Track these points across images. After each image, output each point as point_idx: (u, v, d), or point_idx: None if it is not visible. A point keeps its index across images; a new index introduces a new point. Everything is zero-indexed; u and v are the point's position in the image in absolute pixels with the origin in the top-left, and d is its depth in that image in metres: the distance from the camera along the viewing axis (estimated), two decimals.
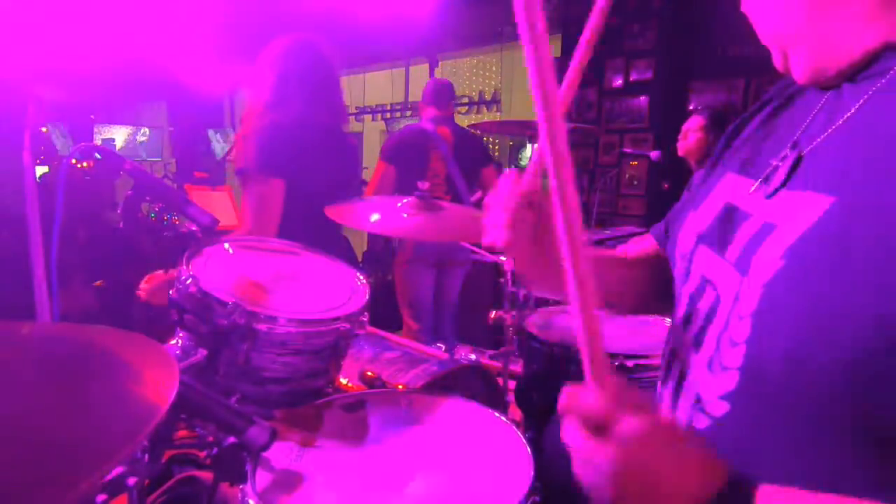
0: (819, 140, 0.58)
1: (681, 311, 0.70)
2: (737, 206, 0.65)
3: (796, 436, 0.51)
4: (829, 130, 0.57)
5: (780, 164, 0.60)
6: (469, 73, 6.75)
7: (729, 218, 0.65)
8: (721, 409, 0.57)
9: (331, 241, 1.48)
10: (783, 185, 0.59)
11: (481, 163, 2.92)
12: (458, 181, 2.80)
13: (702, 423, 0.59)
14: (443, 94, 2.95)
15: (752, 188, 0.63)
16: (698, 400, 0.60)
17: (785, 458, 0.52)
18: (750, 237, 0.60)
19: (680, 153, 2.94)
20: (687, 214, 0.74)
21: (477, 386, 1.47)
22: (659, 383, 0.74)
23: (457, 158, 2.82)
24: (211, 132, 6.43)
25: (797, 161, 0.59)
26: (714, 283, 0.63)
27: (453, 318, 3.09)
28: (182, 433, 1.05)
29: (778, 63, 0.62)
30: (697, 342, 0.63)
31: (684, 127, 2.91)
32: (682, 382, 0.65)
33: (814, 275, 0.49)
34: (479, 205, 2.77)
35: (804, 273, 0.50)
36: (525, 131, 2.17)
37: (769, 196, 0.60)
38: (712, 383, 0.58)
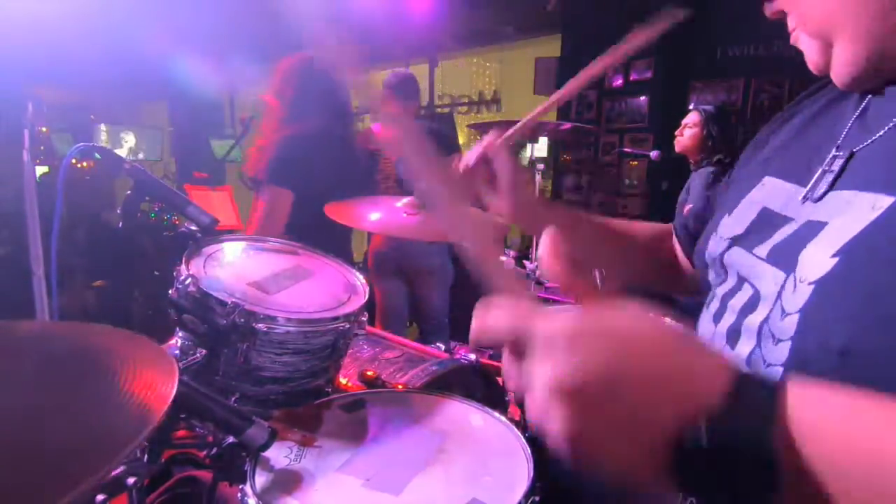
0: (868, 142, 0.57)
1: (713, 307, 0.70)
2: (775, 210, 0.65)
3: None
4: (880, 133, 0.56)
5: (828, 168, 0.60)
6: (469, 73, 6.75)
7: (767, 222, 0.64)
8: None
9: (340, 246, 1.53)
10: (831, 187, 0.58)
11: (445, 153, 2.83)
12: (409, 179, 2.73)
13: None
14: (402, 90, 2.86)
15: (795, 194, 0.63)
16: None
17: None
18: (789, 234, 0.59)
19: (677, 149, 2.93)
20: (720, 218, 0.75)
21: (477, 386, 1.47)
22: None
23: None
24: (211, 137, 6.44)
25: (846, 164, 0.58)
26: (750, 279, 0.63)
27: (443, 328, 2.98)
28: (181, 433, 1.05)
29: (815, 59, 0.60)
30: (731, 338, 0.63)
31: (682, 123, 2.90)
32: None
33: (874, 272, 0.48)
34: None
35: (863, 270, 0.49)
36: (525, 131, 2.16)
37: (816, 200, 0.59)
38: None
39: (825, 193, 0.59)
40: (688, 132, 2.85)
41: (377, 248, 2.86)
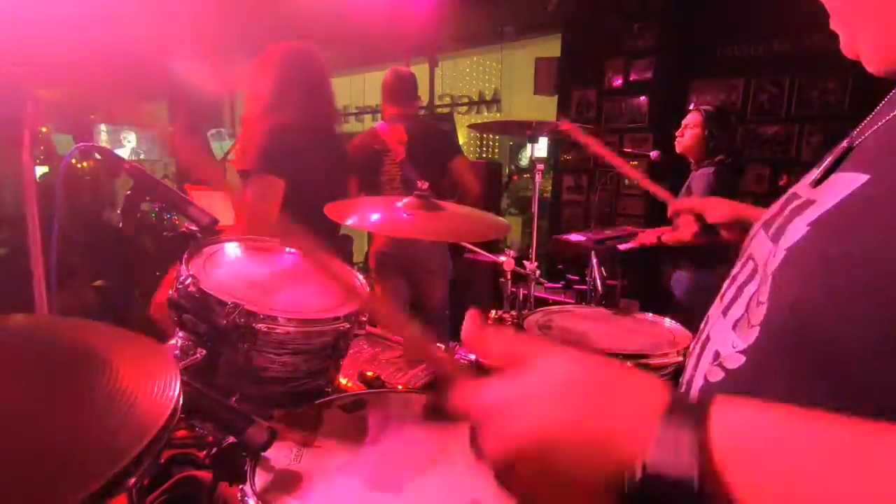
0: (871, 130, 0.60)
1: (724, 285, 0.74)
2: (796, 192, 0.68)
3: (797, 386, 0.52)
4: (882, 121, 0.58)
5: (836, 156, 0.63)
6: (469, 73, 6.75)
7: (786, 202, 0.68)
8: (737, 361, 0.59)
9: (328, 241, 1.50)
10: (832, 170, 0.61)
11: (448, 155, 2.82)
12: (412, 182, 2.72)
13: (717, 376, 0.62)
14: (401, 90, 2.85)
15: (813, 176, 0.66)
16: (717, 356, 0.63)
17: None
18: (788, 212, 0.63)
19: (678, 150, 2.93)
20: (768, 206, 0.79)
21: None
22: (688, 355, 0.78)
23: (414, 155, 2.72)
24: (210, 133, 6.45)
25: (848, 150, 0.61)
26: (753, 256, 0.67)
27: (444, 321, 3.03)
28: (181, 433, 1.05)
29: (846, 47, 0.62)
30: (727, 308, 0.67)
31: (682, 123, 2.90)
32: (705, 346, 0.69)
33: (833, 239, 0.51)
34: (454, 195, 2.69)
35: (824, 237, 0.52)
36: (525, 131, 2.16)
37: (819, 181, 0.62)
38: (734, 340, 0.61)
39: (823, 178, 0.62)
40: (689, 132, 2.84)
41: (380, 248, 2.87)
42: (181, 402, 0.56)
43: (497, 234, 1.57)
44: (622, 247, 2.92)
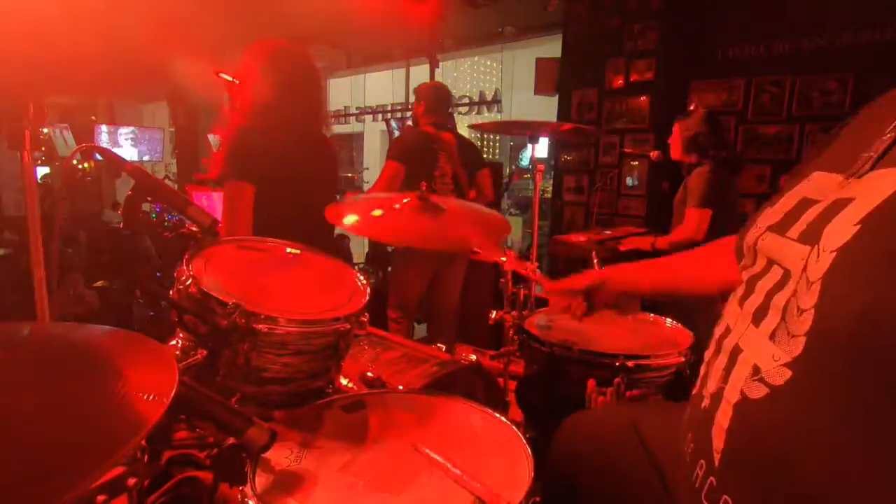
0: None
1: (740, 292, 0.71)
2: (810, 197, 0.66)
3: (858, 400, 0.50)
4: None
5: (873, 153, 0.60)
6: (469, 73, 6.75)
7: (800, 207, 0.66)
8: (783, 376, 0.56)
9: (320, 242, 1.47)
10: (872, 168, 0.59)
11: (476, 166, 3.08)
12: (462, 181, 2.97)
13: (758, 392, 0.59)
14: (443, 101, 3.09)
15: (834, 180, 0.64)
16: (756, 371, 0.60)
17: (843, 425, 0.51)
18: (817, 214, 0.60)
19: (672, 157, 2.94)
20: (762, 212, 0.76)
21: (477, 386, 1.47)
22: (705, 363, 0.75)
23: (460, 159, 2.96)
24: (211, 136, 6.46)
25: (889, 148, 0.59)
26: (778, 261, 0.64)
27: (454, 318, 3.17)
28: (182, 434, 1.05)
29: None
30: (758, 317, 0.64)
31: (672, 131, 2.91)
32: (735, 357, 0.66)
33: (893, 235, 0.49)
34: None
35: (883, 235, 0.50)
36: (525, 131, 2.16)
37: (856, 177, 0.60)
38: (775, 352, 0.58)
39: (864, 174, 0.59)
40: (673, 142, 2.89)
41: None
42: (180, 402, 0.56)
43: (499, 233, 1.56)
44: (623, 247, 2.93)
